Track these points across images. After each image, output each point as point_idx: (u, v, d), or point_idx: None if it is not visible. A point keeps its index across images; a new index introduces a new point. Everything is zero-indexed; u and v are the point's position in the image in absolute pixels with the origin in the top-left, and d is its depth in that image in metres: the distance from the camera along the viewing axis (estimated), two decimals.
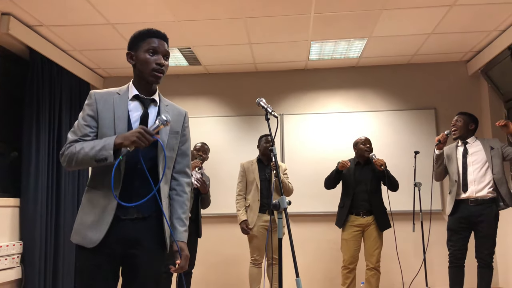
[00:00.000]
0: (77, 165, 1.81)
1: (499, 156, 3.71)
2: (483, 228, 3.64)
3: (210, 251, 5.41)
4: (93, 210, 1.84)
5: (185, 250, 1.96)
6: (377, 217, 4.03)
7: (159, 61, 1.91)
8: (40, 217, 4.28)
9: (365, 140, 4.20)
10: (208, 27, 4.40)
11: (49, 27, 4.31)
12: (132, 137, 1.75)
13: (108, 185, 1.82)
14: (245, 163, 4.39)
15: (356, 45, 4.96)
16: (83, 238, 1.82)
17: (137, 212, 1.87)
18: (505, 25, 4.42)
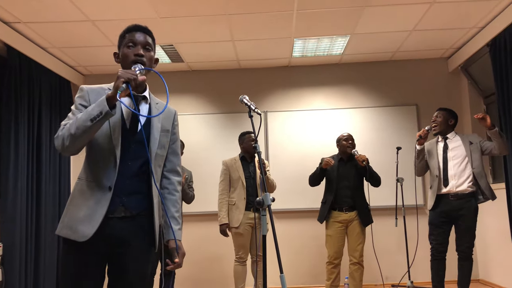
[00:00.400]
0: (74, 138, 1.72)
1: (478, 151, 3.78)
2: (463, 221, 3.71)
3: (193, 249, 5.39)
4: (86, 202, 1.79)
5: (182, 248, 1.97)
6: (360, 212, 4.06)
7: (136, 51, 1.88)
8: (20, 218, 4.20)
9: (347, 136, 4.22)
10: (191, 24, 4.37)
11: (27, 24, 4.23)
12: (117, 81, 1.68)
13: (102, 177, 1.79)
14: (228, 161, 4.29)
15: (338, 42, 4.98)
16: (74, 232, 1.76)
17: (125, 210, 1.84)
18: (484, 22, 4.49)
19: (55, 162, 4.95)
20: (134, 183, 1.86)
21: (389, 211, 5.30)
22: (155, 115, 1.93)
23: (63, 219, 1.82)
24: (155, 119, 1.96)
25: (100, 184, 1.80)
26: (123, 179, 1.84)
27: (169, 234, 1.96)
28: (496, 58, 4.35)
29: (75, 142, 1.74)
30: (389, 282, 5.21)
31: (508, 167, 4.20)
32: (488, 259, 4.98)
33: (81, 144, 1.77)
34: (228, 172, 4.24)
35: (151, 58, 1.95)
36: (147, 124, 1.93)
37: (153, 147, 1.92)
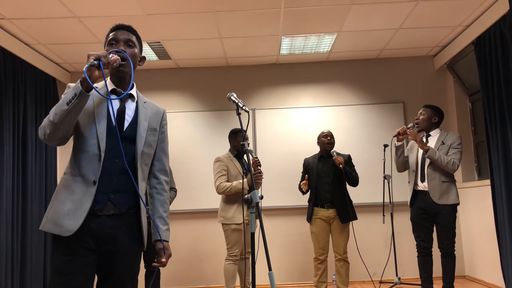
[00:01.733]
0: (54, 124, 1.72)
1: (444, 152, 3.77)
2: (441, 220, 3.73)
3: (183, 247, 5.38)
4: (71, 197, 1.78)
5: (169, 249, 1.97)
6: (338, 209, 4.08)
7: (117, 48, 1.89)
8: (5, 218, 4.15)
9: (327, 133, 4.26)
10: (178, 21, 4.34)
11: (11, 20, 4.16)
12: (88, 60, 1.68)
13: (88, 172, 1.80)
14: (224, 158, 4.16)
15: (326, 40, 5.00)
16: (58, 226, 1.75)
17: (114, 208, 1.83)
18: (469, 20, 4.55)
19: (41, 160, 4.89)
20: (121, 181, 1.85)
21: (377, 208, 5.35)
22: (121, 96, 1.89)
23: (47, 214, 1.81)
24: (142, 116, 1.96)
25: (85, 179, 1.80)
26: (110, 176, 1.83)
27: (156, 234, 1.95)
28: (481, 56, 4.41)
29: (56, 129, 1.74)
30: (377, 279, 5.26)
31: (493, 163, 4.26)
32: (474, 255, 5.05)
33: (63, 132, 1.76)
34: (226, 167, 4.10)
35: (133, 54, 1.94)
36: (133, 123, 1.93)
37: (139, 145, 1.92)
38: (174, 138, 5.52)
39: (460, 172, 5.28)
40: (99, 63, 1.68)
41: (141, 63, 2.03)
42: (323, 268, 4.14)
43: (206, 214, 5.39)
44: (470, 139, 5.31)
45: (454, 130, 5.40)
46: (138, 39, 2.00)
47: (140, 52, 2.01)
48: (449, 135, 3.86)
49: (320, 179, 4.17)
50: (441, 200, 3.71)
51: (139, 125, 1.93)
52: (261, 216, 2.20)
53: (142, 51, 2.07)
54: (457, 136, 3.84)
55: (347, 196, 4.15)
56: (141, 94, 2.13)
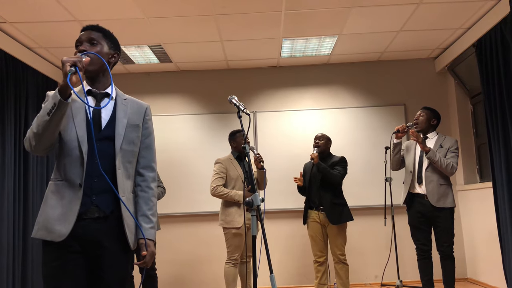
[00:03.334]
0: (38, 136, 1.73)
1: (442, 156, 3.78)
2: (439, 222, 3.73)
3: (183, 251, 5.37)
4: (60, 202, 1.79)
5: (151, 246, 1.92)
6: (326, 211, 4.07)
7: (80, 48, 1.86)
8: (7, 219, 4.15)
9: (317, 136, 4.24)
10: (179, 24, 4.35)
11: (12, 24, 4.17)
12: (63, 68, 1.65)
13: (73, 176, 1.80)
14: (224, 160, 4.14)
15: (327, 42, 5.00)
16: (51, 232, 1.76)
17: (98, 210, 1.83)
18: (470, 22, 4.55)
19: (43, 162, 4.90)
20: (103, 181, 1.84)
21: (378, 210, 5.34)
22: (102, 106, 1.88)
23: (38, 221, 1.81)
24: (120, 114, 1.94)
25: (71, 183, 1.81)
26: (91, 177, 1.83)
27: (139, 233, 1.93)
28: (482, 58, 4.41)
29: (41, 140, 1.75)
30: (378, 282, 5.24)
31: (495, 166, 4.25)
32: (476, 257, 5.04)
33: (48, 141, 1.77)
34: (225, 170, 4.07)
35: (97, 51, 1.89)
36: (111, 120, 1.91)
37: (117, 143, 1.89)
38: (175, 141, 5.52)
39: (462, 174, 5.27)
40: (75, 69, 1.66)
41: (113, 60, 1.98)
42: (322, 270, 4.13)
43: (207, 217, 5.39)
44: (472, 141, 5.31)
45: (455, 132, 5.39)
46: (105, 36, 1.95)
47: (110, 48, 1.96)
48: (446, 139, 3.87)
49: (312, 182, 4.19)
50: (439, 203, 3.72)
51: (117, 122, 1.91)
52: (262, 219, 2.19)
53: (117, 47, 2.01)
54: (454, 140, 3.87)
55: (338, 197, 4.10)
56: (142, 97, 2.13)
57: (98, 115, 1.90)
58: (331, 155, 4.25)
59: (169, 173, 5.43)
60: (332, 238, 4.10)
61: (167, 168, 5.43)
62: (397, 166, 4.08)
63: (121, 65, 5.42)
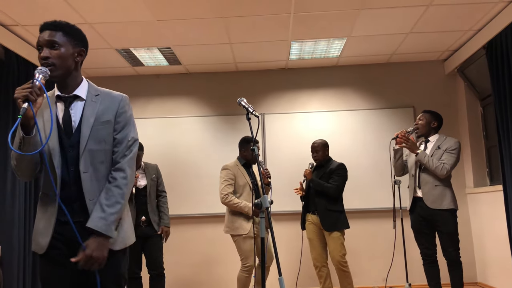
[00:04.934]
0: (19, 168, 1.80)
1: (438, 157, 3.71)
2: (439, 226, 3.66)
3: (193, 251, 5.39)
4: (44, 215, 1.84)
5: (90, 245, 1.74)
6: (320, 217, 4.07)
7: (41, 55, 1.77)
8: (18, 220, 4.20)
9: (314, 145, 4.25)
10: (188, 26, 4.37)
11: (24, 27, 4.23)
12: (16, 100, 1.61)
13: (50, 188, 1.82)
14: (231, 166, 4.06)
15: (335, 44, 5.00)
16: (36, 245, 1.83)
17: (79, 215, 1.81)
18: (480, 24, 4.52)
19: None
20: (79, 188, 1.82)
21: (387, 213, 5.31)
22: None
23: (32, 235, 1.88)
24: (86, 115, 1.85)
25: (50, 195, 1.84)
26: (68, 186, 1.82)
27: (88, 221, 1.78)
28: (493, 60, 4.37)
29: (23, 170, 1.80)
30: (387, 285, 5.21)
31: (505, 168, 4.21)
32: (486, 261, 4.99)
33: (30, 170, 1.81)
34: (234, 176, 4.01)
35: (59, 55, 1.79)
36: (79, 124, 1.86)
37: (81, 146, 1.81)
38: (184, 143, 5.54)
39: (472, 177, 5.23)
40: (29, 103, 1.60)
41: (79, 58, 1.88)
42: (324, 275, 4.12)
43: (215, 219, 5.40)
44: (482, 144, 5.27)
45: (465, 134, 5.35)
46: (66, 34, 1.82)
47: (74, 46, 1.84)
48: (446, 140, 3.79)
49: (309, 188, 4.22)
50: (434, 205, 3.64)
51: (83, 123, 1.84)
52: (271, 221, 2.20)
53: (82, 42, 1.88)
54: (454, 141, 3.76)
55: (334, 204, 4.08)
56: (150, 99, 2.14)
57: (68, 121, 1.85)
58: (330, 160, 4.24)
59: (177, 174, 5.45)
60: (329, 245, 4.08)
61: (176, 170, 5.46)
62: (400, 172, 4.04)
63: (131, 67, 5.46)
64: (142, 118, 5.55)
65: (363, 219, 5.23)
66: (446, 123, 5.43)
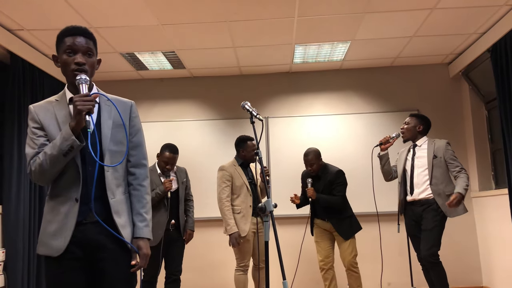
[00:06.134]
0: (49, 173, 1.78)
1: (441, 166, 3.68)
2: (423, 225, 3.64)
3: (195, 255, 5.38)
4: (56, 217, 1.81)
5: (143, 248, 1.90)
6: (336, 226, 4.05)
7: (77, 60, 1.82)
8: (23, 224, 4.21)
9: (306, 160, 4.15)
10: (192, 30, 4.39)
11: (30, 31, 4.25)
12: (75, 111, 1.70)
13: (68, 191, 1.81)
14: (229, 167, 4.08)
15: (339, 48, 5.00)
16: (49, 248, 1.79)
17: (97, 214, 1.83)
18: (484, 28, 4.51)
19: None
20: (97, 188, 1.85)
21: (392, 217, 5.29)
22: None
23: (39, 237, 1.85)
24: (105, 116, 1.92)
25: (67, 197, 1.82)
26: (86, 186, 1.84)
27: (135, 231, 1.91)
28: (497, 63, 4.36)
29: (51, 175, 1.80)
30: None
31: (511, 172, 4.19)
32: (491, 265, 4.96)
33: (56, 175, 1.82)
34: (231, 178, 4.03)
35: (92, 64, 1.89)
36: (97, 124, 1.90)
37: (104, 145, 1.87)
38: (188, 147, 5.55)
39: (477, 181, 5.20)
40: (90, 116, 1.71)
41: (97, 66, 1.97)
42: (330, 277, 4.11)
43: (218, 222, 5.39)
44: (487, 147, 5.24)
45: (470, 138, 5.33)
46: (94, 43, 1.92)
47: (97, 56, 1.95)
48: (437, 145, 3.75)
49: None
50: (453, 214, 3.60)
51: (102, 125, 1.90)
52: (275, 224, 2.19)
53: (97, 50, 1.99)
54: (445, 144, 3.73)
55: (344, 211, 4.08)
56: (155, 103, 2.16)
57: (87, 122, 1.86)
58: (325, 167, 4.18)
59: None
60: (341, 249, 4.08)
61: None
62: (388, 176, 4.02)
63: (135, 71, 5.48)
64: (146, 122, 5.56)
65: (367, 223, 5.21)
66: (451, 127, 5.42)
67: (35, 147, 1.81)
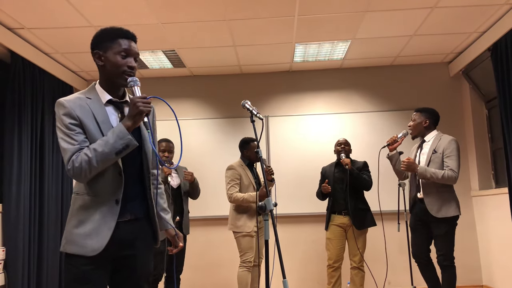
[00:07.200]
0: (96, 170, 1.74)
1: (438, 162, 3.57)
2: (433, 228, 3.57)
3: (197, 254, 5.39)
4: (90, 217, 1.77)
5: (179, 232, 2.13)
6: (352, 216, 4.07)
7: (130, 64, 1.86)
8: (23, 223, 4.21)
9: (341, 141, 4.31)
10: (192, 29, 4.39)
11: (30, 30, 4.25)
12: (136, 111, 1.74)
13: (107, 190, 1.80)
14: (237, 166, 4.14)
15: (339, 47, 4.99)
16: (83, 247, 1.74)
17: (131, 214, 1.86)
18: (484, 27, 4.50)
19: (58, 166, 4.96)
20: (135, 188, 1.88)
21: (391, 215, 5.29)
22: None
23: (67, 236, 1.79)
24: None
25: (106, 198, 1.79)
26: (126, 186, 1.84)
27: (165, 224, 2.10)
28: (498, 62, 4.36)
29: (96, 173, 1.77)
30: (392, 287, 5.19)
31: (511, 171, 4.19)
32: (492, 264, 4.97)
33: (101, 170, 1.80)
34: (239, 176, 4.08)
35: (136, 68, 1.95)
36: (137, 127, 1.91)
37: (146, 146, 1.93)
38: (188, 145, 5.55)
39: (477, 180, 5.20)
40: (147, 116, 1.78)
41: None
42: (336, 276, 4.12)
43: (219, 221, 5.40)
44: (487, 146, 5.24)
45: (470, 137, 5.33)
46: None
47: None
48: (442, 140, 3.62)
49: (335, 186, 4.19)
50: (440, 214, 3.50)
51: (140, 127, 1.93)
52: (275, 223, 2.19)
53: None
54: (449, 140, 3.59)
55: (362, 202, 4.14)
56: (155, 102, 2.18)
57: None
58: (351, 159, 4.28)
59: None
60: (352, 244, 4.09)
61: None
62: (400, 176, 3.94)
63: None
64: None
65: None
66: (451, 126, 5.41)
67: (75, 143, 1.75)
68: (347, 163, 4.06)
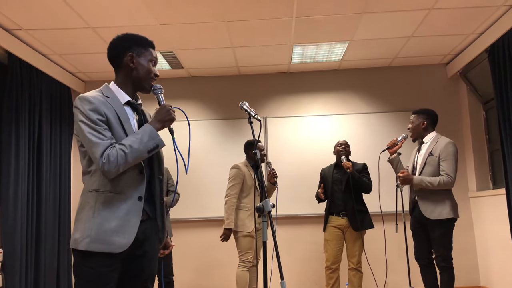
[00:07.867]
0: (129, 165, 1.80)
1: (434, 164, 3.55)
2: (429, 230, 3.56)
3: (194, 255, 5.38)
4: (114, 214, 1.78)
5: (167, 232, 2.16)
6: (350, 217, 4.07)
7: (156, 72, 2.01)
8: (20, 224, 4.20)
9: (341, 142, 4.32)
10: (190, 30, 4.39)
11: (28, 31, 4.25)
12: (167, 117, 1.89)
13: (130, 188, 1.84)
14: (242, 166, 4.16)
15: (337, 48, 5.00)
16: (109, 244, 1.74)
17: (146, 213, 1.91)
18: (482, 28, 4.52)
19: (56, 168, 4.96)
20: (150, 188, 1.95)
21: (389, 217, 5.30)
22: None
23: (89, 234, 1.75)
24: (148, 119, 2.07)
25: (129, 195, 1.83)
26: (150, 186, 1.96)
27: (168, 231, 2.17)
28: (495, 63, 4.37)
29: (127, 168, 1.82)
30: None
31: (508, 172, 4.20)
32: (489, 265, 4.97)
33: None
34: (243, 176, 4.10)
35: None
36: None
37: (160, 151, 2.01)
38: (186, 147, 5.54)
39: (474, 181, 5.21)
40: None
41: None
42: (335, 277, 4.12)
43: (218, 222, 5.39)
44: (484, 147, 5.26)
45: (467, 138, 5.34)
46: None
47: None
48: (439, 143, 3.59)
49: (334, 187, 4.19)
50: (433, 215, 3.49)
51: None
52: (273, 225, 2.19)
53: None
54: (446, 143, 3.56)
55: (361, 204, 4.14)
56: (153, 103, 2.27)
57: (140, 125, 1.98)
58: (351, 161, 4.29)
59: (180, 178, 5.45)
60: (350, 245, 4.09)
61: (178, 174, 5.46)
62: None
63: None
64: None
65: None
66: (448, 127, 5.43)
67: (105, 138, 1.77)
68: (349, 167, 4.05)
